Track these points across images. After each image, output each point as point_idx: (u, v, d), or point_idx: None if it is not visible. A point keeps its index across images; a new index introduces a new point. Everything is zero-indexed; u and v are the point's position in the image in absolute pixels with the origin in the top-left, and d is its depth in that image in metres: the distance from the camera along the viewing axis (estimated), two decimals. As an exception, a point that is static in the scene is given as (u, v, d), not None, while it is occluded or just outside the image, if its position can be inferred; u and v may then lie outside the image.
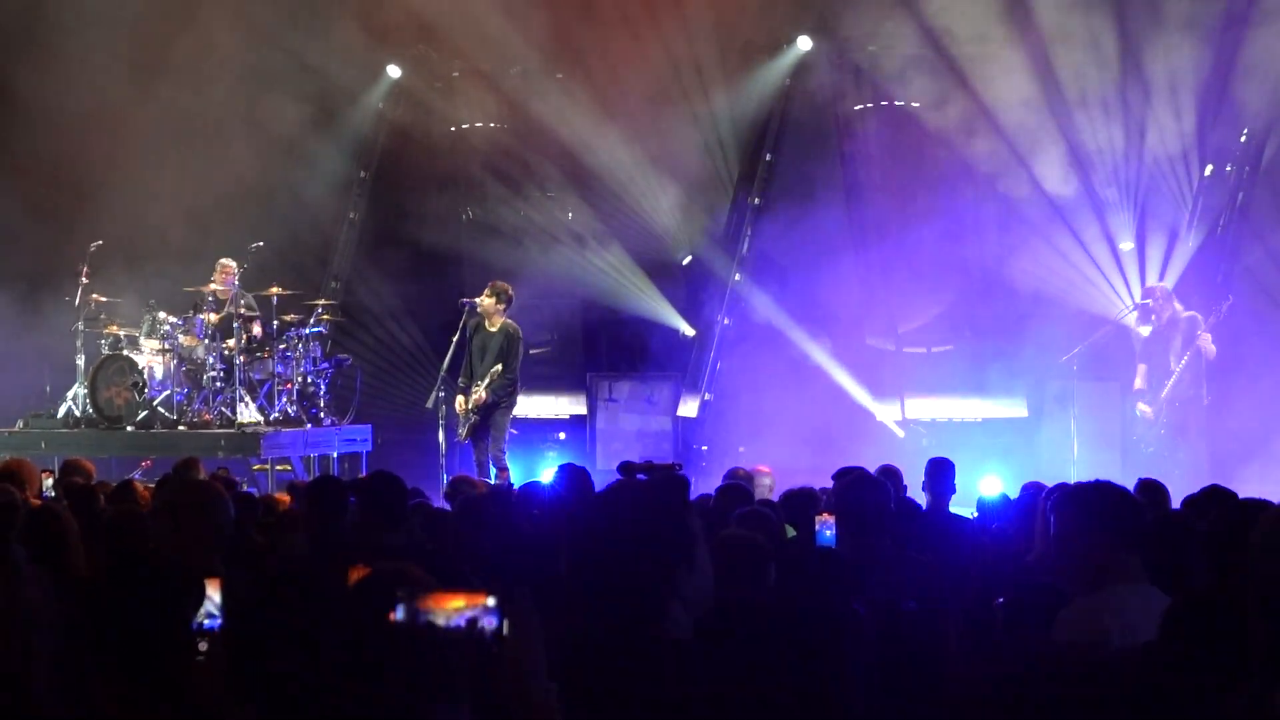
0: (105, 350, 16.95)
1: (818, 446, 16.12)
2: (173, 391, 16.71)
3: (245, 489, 14.84)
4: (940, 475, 10.13)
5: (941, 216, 17.88)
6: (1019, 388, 18.01)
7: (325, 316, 17.73)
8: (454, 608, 2.90)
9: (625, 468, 5.96)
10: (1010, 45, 17.21)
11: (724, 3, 18.41)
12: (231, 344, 16.69)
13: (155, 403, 16.63)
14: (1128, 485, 8.03)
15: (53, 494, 9.89)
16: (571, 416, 19.96)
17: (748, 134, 19.15)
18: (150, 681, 4.15)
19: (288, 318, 17.28)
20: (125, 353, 16.78)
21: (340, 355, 18.00)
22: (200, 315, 16.86)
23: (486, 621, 2.89)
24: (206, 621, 4.07)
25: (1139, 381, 15.89)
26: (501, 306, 15.73)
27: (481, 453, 15.61)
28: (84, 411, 16.96)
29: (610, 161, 19.16)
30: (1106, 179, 17.44)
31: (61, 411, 17.18)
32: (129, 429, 16.64)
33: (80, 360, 17.14)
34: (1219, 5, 16.81)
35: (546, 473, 11.81)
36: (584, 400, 19.63)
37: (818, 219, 18.15)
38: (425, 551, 6.97)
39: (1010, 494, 10.37)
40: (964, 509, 10.26)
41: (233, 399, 16.63)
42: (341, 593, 3.54)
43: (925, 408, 18.64)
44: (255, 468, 16.63)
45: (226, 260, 17.18)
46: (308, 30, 18.64)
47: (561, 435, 19.66)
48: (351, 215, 20.65)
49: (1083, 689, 2.05)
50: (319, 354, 17.51)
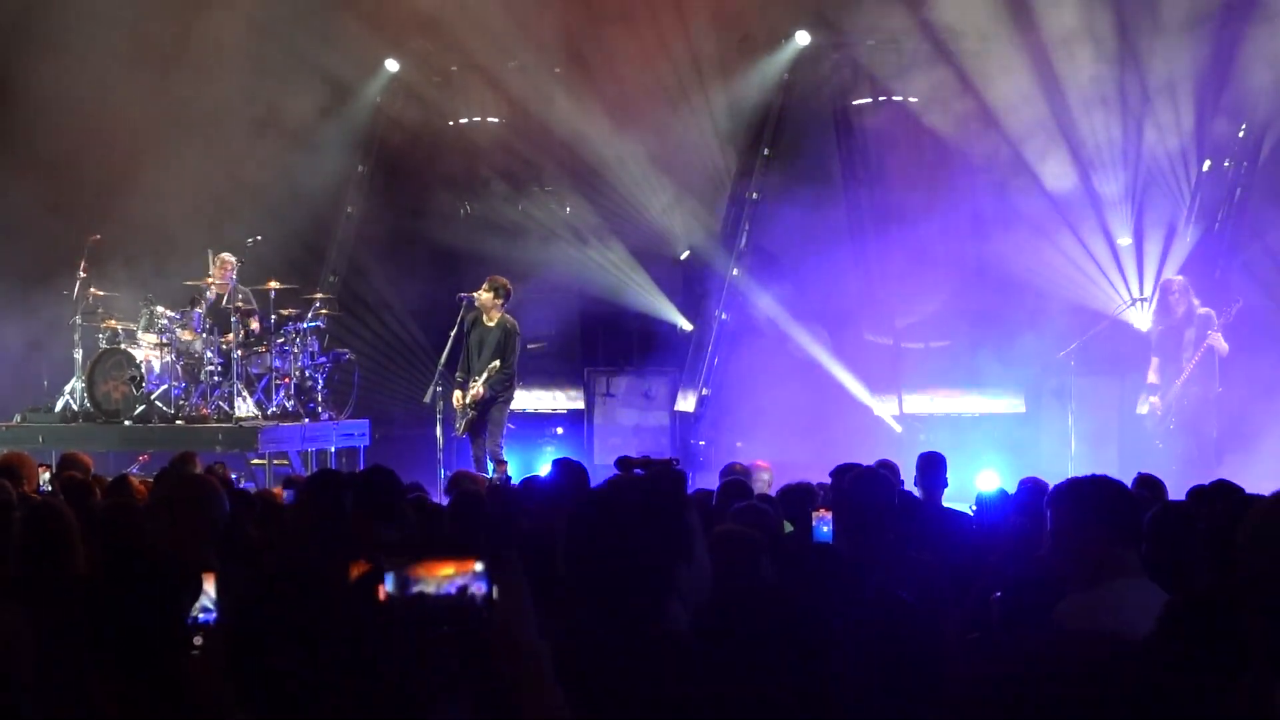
0: (103, 344, 16.93)
1: (815, 442, 16.12)
2: (170, 386, 16.70)
3: (242, 484, 14.86)
4: (932, 470, 10.14)
5: (940, 211, 17.87)
6: (1016, 383, 18.00)
7: (323, 311, 17.72)
8: (443, 575, 2.89)
9: (622, 463, 5.94)
10: (1009, 41, 17.21)
11: (723, -3, 18.44)
12: (229, 338, 16.68)
13: (153, 397, 16.61)
14: (1126, 480, 8.06)
15: (49, 488, 9.87)
16: (569, 411, 19.96)
17: (746, 128, 19.14)
18: (148, 678, 4.14)
19: (285, 312, 17.27)
20: (123, 347, 16.77)
21: (338, 350, 17.98)
22: (198, 310, 16.85)
23: (476, 587, 2.87)
24: (201, 616, 4.07)
25: (1152, 375, 15.72)
26: (499, 301, 15.73)
27: (479, 448, 15.62)
28: (81, 406, 16.96)
29: (609, 156, 19.15)
30: (1105, 174, 17.42)
31: (59, 405, 17.18)
32: (126, 423, 16.63)
33: (78, 354, 17.13)
34: (1217, 0, 16.80)
35: (545, 468, 11.80)
36: (582, 395, 19.62)
37: (816, 214, 18.14)
38: (421, 546, 6.95)
39: (1008, 489, 10.36)
40: (962, 504, 10.25)
41: (230, 393, 16.62)
42: (342, 588, 3.52)
43: (923, 403, 18.63)
44: (252, 462, 16.63)
45: (225, 255, 17.18)
46: (306, 24, 18.62)
47: (559, 430, 19.66)
48: (349, 210, 20.64)
49: (1080, 684, 2.04)
50: (317, 348, 17.50)
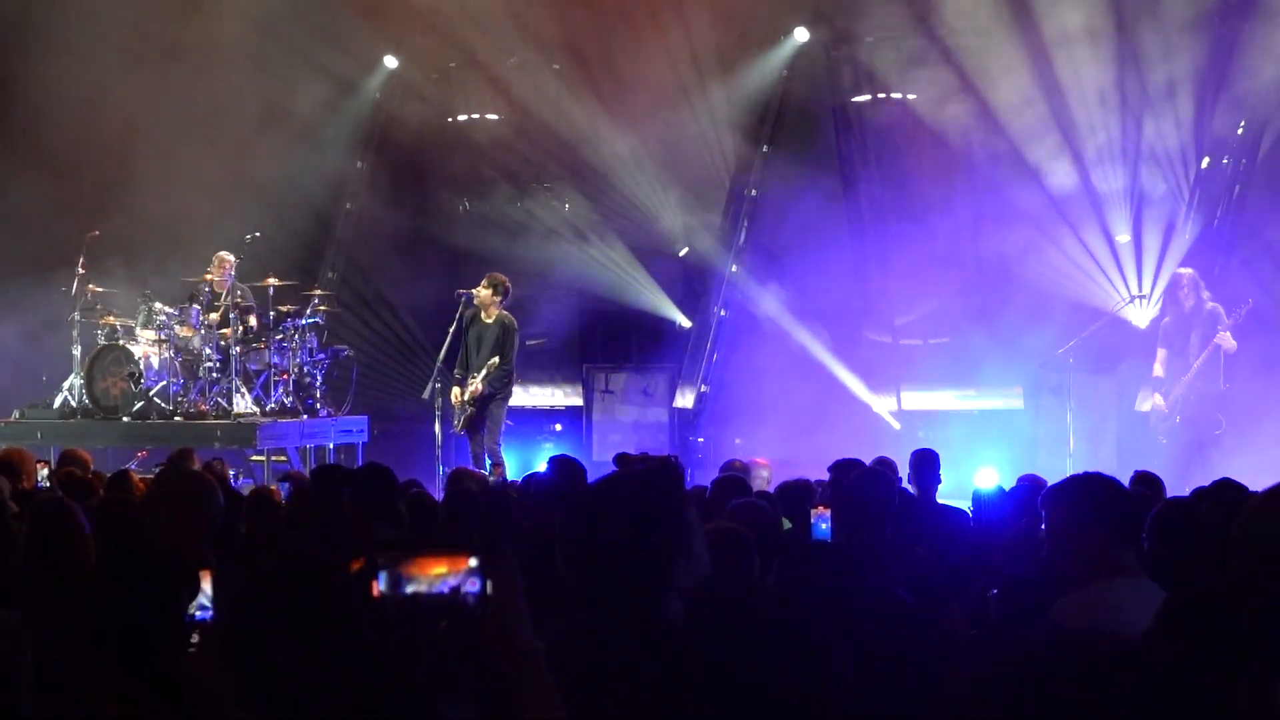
0: (101, 341, 16.92)
1: (814, 439, 16.11)
2: (169, 382, 16.68)
3: (241, 480, 14.87)
4: (925, 467, 10.14)
5: (939, 208, 17.87)
6: (1015, 380, 17.99)
7: (322, 307, 17.70)
8: (437, 574, 2.86)
9: (621, 460, 5.95)
10: (1008, 38, 17.20)
11: (721, -7, 18.43)
12: (227, 332, 16.66)
13: (151, 393, 16.60)
14: (1124, 478, 8.06)
15: (48, 484, 9.87)
16: (568, 408, 19.96)
17: (745, 125, 19.12)
18: (147, 676, 4.13)
19: (284, 308, 17.25)
20: (121, 343, 16.77)
21: (337, 346, 17.96)
22: (196, 306, 16.84)
23: (470, 585, 2.84)
24: (198, 613, 4.06)
25: (1158, 368, 15.60)
26: (498, 298, 15.73)
27: (477, 444, 15.62)
28: (80, 402, 16.96)
29: (607, 153, 19.16)
30: (1104, 171, 17.41)
31: (58, 402, 17.17)
32: (125, 419, 16.63)
33: (76, 350, 17.13)
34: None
35: (543, 464, 11.81)
36: (580, 392, 19.62)
37: (815, 211, 18.14)
38: (417, 541, 6.96)
39: (1006, 487, 10.34)
40: (961, 501, 10.25)
41: (229, 390, 16.60)
42: (340, 585, 3.52)
43: (922, 400, 18.64)
44: (251, 458, 16.62)
45: (224, 254, 17.14)
46: (306, 21, 18.61)
47: (558, 427, 19.66)
48: (349, 206, 20.62)
49: (1077, 683, 2.04)
50: (315, 345, 17.48)
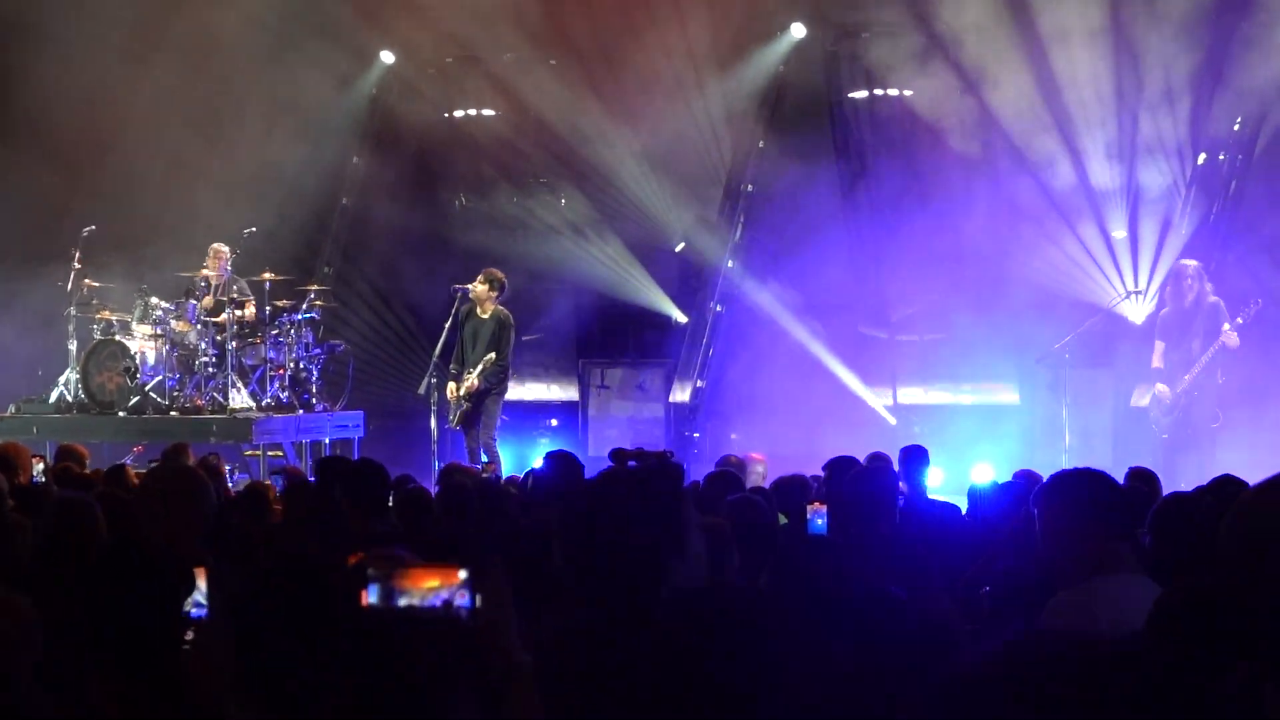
0: (97, 335, 16.91)
1: (810, 434, 16.12)
2: (165, 377, 16.67)
3: (236, 475, 14.86)
4: (913, 463, 10.15)
5: (935, 204, 17.84)
6: (1011, 375, 17.99)
7: (318, 302, 17.69)
8: (428, 587, 2.86)
9: (617, 455, 5.93)
10: (1005, 34, 17.18)
11: (717, -11, 18.41)
12: (224, 319, 16.63)
13: (147, 388, 16.60)
14: (1119, 473, 8.06)
15: (43, 479, 9.86)
16: (564, 403, 19.94)
17: (741, 121, 19.11)
18: (143, 673, 4.13)
19: (280, 303, 17.25)
20: (117, 338, 16.76)
21: (333, 341, 17.96)
22: (192, 301, 16.82)
23: (460, 599, 2.85)
24: (193, 611, 4.05)
25: (1156, 360, 15.58)
26: (494, 293, 15.73)
27: (472, 440, 15.62)
28: (76, 396, 16.94)
29: (604, 149, 19.13)
30: (1100, 167, 17.41)
31: (53, 396, 17.15)
32: (121, 414, 16.62)
33: (72, 345, 17.10)
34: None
35: (539, 460, 11.80)
36: (576, 387, 19.61)
37: (811, 207, 18.13)
38: (412, 537, 6.96)
39: (1002, 482, 10.33)
40: (957, 497, 10.25)
41: (225, 384, 16.60)
42: (337, 582, 3.52)
43: (917, 395, 18.65)
44: (247, 453, 16.61)
45: (219, 245, 17.13)
46: (302, 15, 18.58)
47: (554, 422, 19.65)
48: (345, 201, 20.60)
49: (1071, 680, 2.04)
50: (311, 339, 17.48)
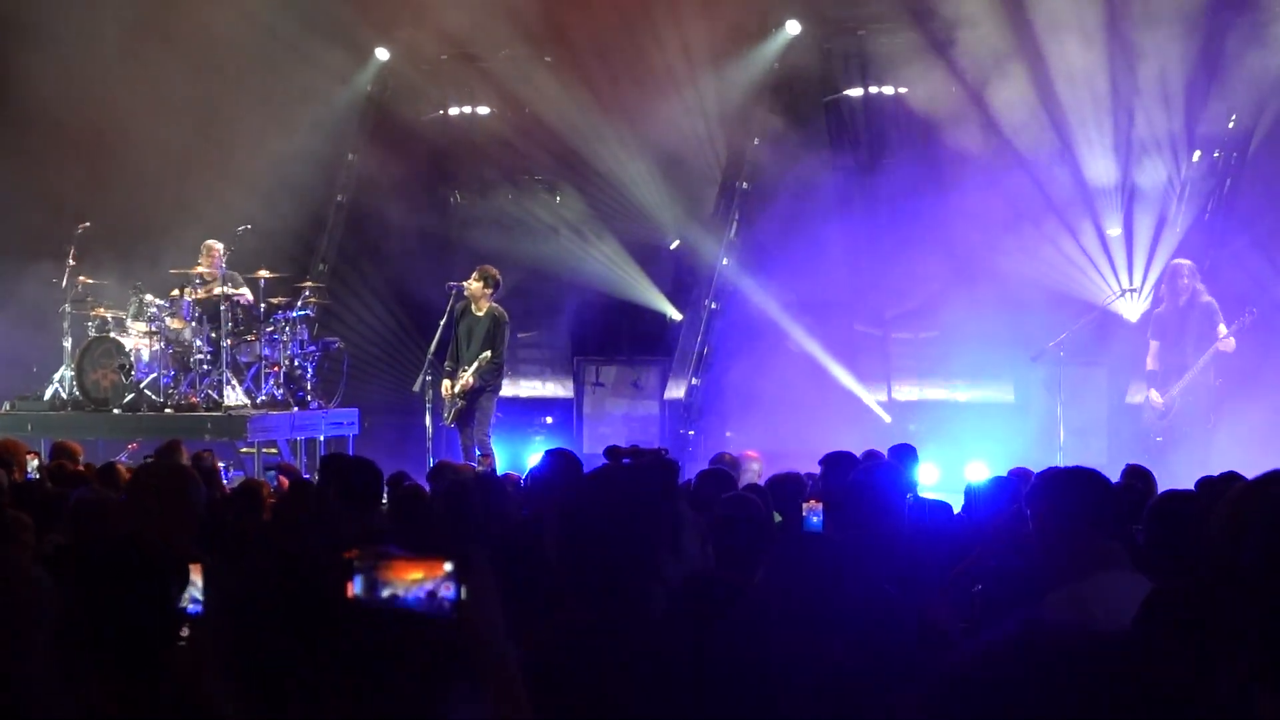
0: (92, 333, 16.91)
1: (805, 431, 16.11)
2: (159, 374, 16.67)
3: (231, 472, 14.86)
4: (903, 461, 10.15)
5: (930, 202, 17.84)
6: (1006, 373, 18.00)
7: (312, 299, 17.70)
8: (412, 579, 2.85)
9: (611, 452, 5.95)
10: (999, 31, 17.19)
11: (712, -14, 18.41)
12: (222, 300, 16.60)
13: (142, 385, 16.59)
14: (1114, 471, 8.06)
15: (37, 476, 9.87)
16: (559, 400, 19.95)
17: (736, 118, 19.10)
18: (142, 670, 4.12)
19: (275, 301, 17.25)
20: (112, 335, 16.75)
21: (327, 338, 17.97)
22: (186, 298, 16.81)
23: (445, 590, 2.84)
24: (189, 606, 4.05)
25: (1151, 361, 15.60)
26: (489, 291, 15.73)
27: (467, 437, 15.62)
28: (71, 394, 16.93)
29: (598, 146, 19.13)
30: (1095, 165, 17.41)
31: (48, 394, 17.15)
32: (115, 411, 16.61)
33: (67, 342, 17.10)
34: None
35: (534, 457, 11.80)
36: (571, 384, 19.61)
37: (806, 204, 18.13)
38: (407, 535, 6.96)
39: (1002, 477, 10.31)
40: (953, 495, 10.24)
41: (219, 382, 16.60)
42: (332, 579, 3.51)
43: (912, 393, 18.67)
44: (241, 450, 16.61)
45: (212, 242, 17.12)
46: (297, 12, 18.56)
47: (549, 420, 19.66)
48: (339, 198, 20.58)
49: (1063, 675, 2.04)
50: (306, 337, 17.49)
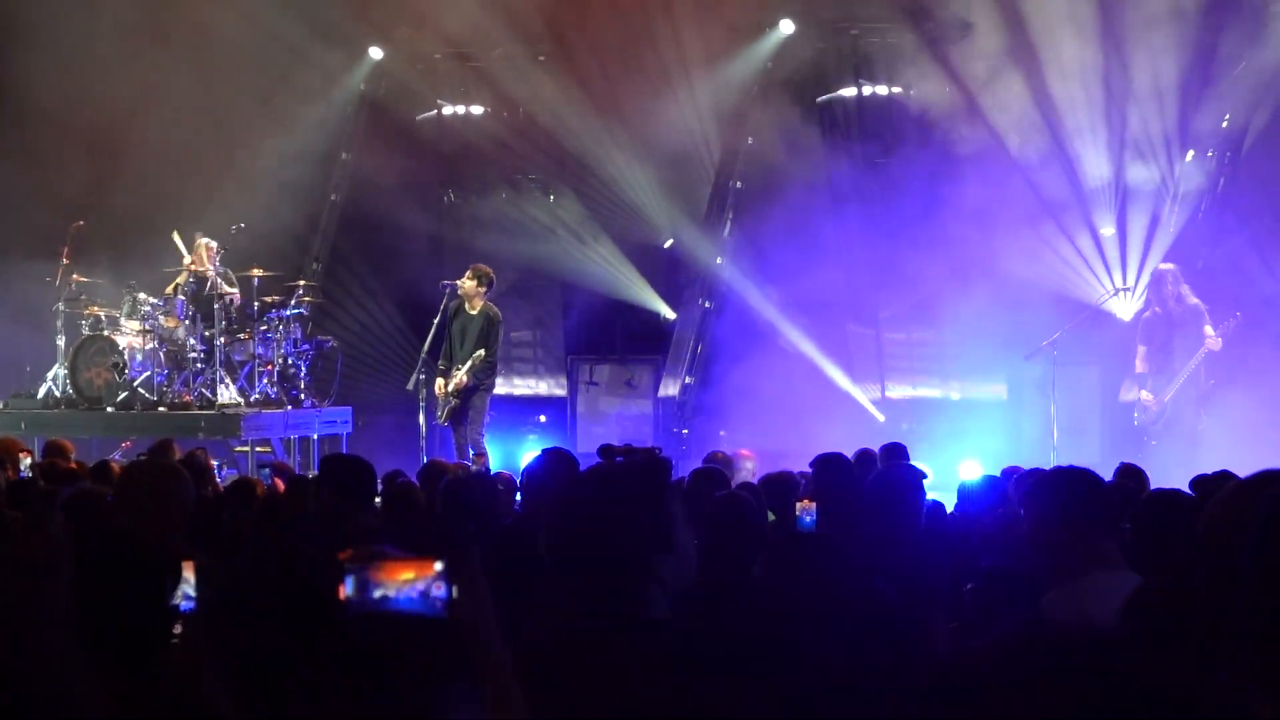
0: (86, 331, 16.89)
1: (799, 430, 16.11)
2: (153, 372, 16.66)
3: (225, 471, 14.84)
4: (893, 460, 10.15)
5: (923, 201, 17.85)
6: (999, 372, 18.01)
7: (306, 298, 17.69)
8: (404, 579, 2.85)
9: (605, 451, 5.94)
10: (992, 30, 17.20)
11: (706, -15, 18.42)
12: (217, 296, 16.59)
13: (135, 384, 16.58)
14: (1107, 470, 8.06)
15: (29, 474, 9.86)
16: (553, 399, 19.95)
17: (730, 117, 19.11)
18: (136, 668, 4.12)
19: (268, 299, 17.24)
20: (106, 333, 16.74)
21: (321, 337, 17.96)
22: (180, 296, 16.80)
23: (437, 590, 2.84)
24: (182, 604, 4.04)
25: (1140, 364, 15.62)
26: (482, 289, 15.71)
27: (461, 436, 15.61)
28: (64, 392, 16.92)
29: (592, 144, 19.14)
30: (1089, 164, 17.43)
31: (41, 392, 17.14)
32: (109, 410, 16.60)
33: (61, 341, 17.08)
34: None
35: (528, 456, 11.79)
36: (565, 383, 19.62)
37: (800, 203, 18.13)
38: (402, 534, 6.96)
39: (994, 477, 10.31)
40: (946, 494, 10.24)
41: (213, 380, 16.59)
42: (327, 579, 3.51)
43: (906, 392, 18.69)
44: (235, 449, 16.60)
45: (205, 239, 17.09)
46: (291, 10, 18.56)
47: (542, 418, 19.66)
48: (333, 197, 20.57)
49: (1057, 675, 2.04)
50: (299, 335, 17.48)
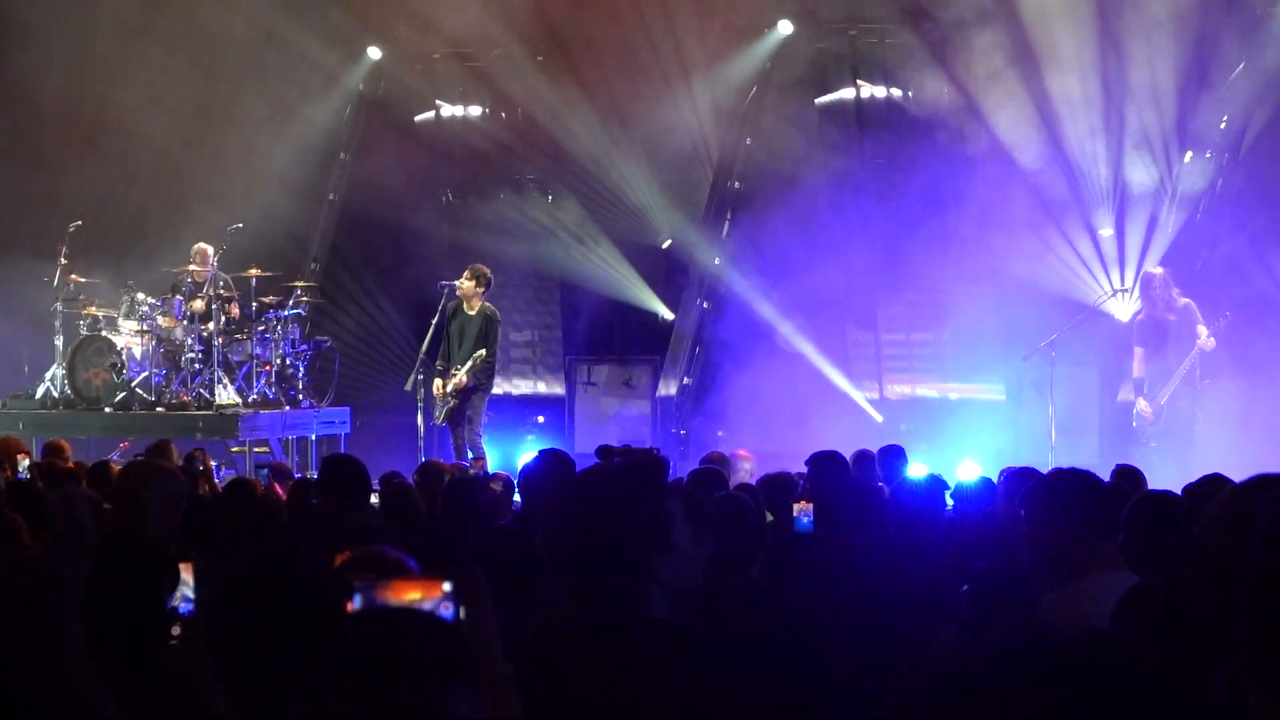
0: (84, 331, 16.88)
1: (797, 431, 16.11)
2: (151, 373, 16.65)
3: (223, 471, 14.83)
4: (891, 461, 10.16)
5: (922, 202, 17.85)
6: (998, 373, 18.00)
7: (304, 298, 17.69)
8: (411, 599, 2.81)
9: (603, 452, 5.94)
10: (991, 31, 17.20)
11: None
12: (210, 325, 16.62)
13: (134, 384, 16.57)
14: (1105, 471, 8.06)
15: (28, 475, 9.85)
16: (551, 399, 19.95)
17: (728, 118, 19.11)
18: (137, 670, 4.11)
19: (266, 299, 17.23)
20: (104, 334, 16.73)
21: (319, 337, 17.95)
22: (179, 297, 16.80)
23: (444, 610, 2.81)
24: (181, 606, 4.04)
25: (1137, 368, 15.62)
26: (480, 289, 15.71)
27: (459, 436, 15.61)
28: (62, 392, 16.91)
29: (591, 145, 19.13)
30: (1087, 165, 17.43)
31: (39, 392, 17.12)
32: (107, 410, 16.59)
33: (59, 341, 17.06)
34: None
35: (526, 456, 11.79)
36: (563, 384, 19.61)
37: (798, 204, 18.11)
38: (400, 534, 6.96)
39: (989, 479, 10.30)
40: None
41: (211, 380, 16.57)
42: (325, 578, 3.51)
43: (904, 392, 18.68)
44: (233, 449, 16.59)
45: (203, 245, 17.05)
46: (288, 10, 18.56)
47: (540, 419, 19.65)
48: (331, 197, 20.56)
49: (1055, 676, 2.04)
50: (297, 336, 17.47)
